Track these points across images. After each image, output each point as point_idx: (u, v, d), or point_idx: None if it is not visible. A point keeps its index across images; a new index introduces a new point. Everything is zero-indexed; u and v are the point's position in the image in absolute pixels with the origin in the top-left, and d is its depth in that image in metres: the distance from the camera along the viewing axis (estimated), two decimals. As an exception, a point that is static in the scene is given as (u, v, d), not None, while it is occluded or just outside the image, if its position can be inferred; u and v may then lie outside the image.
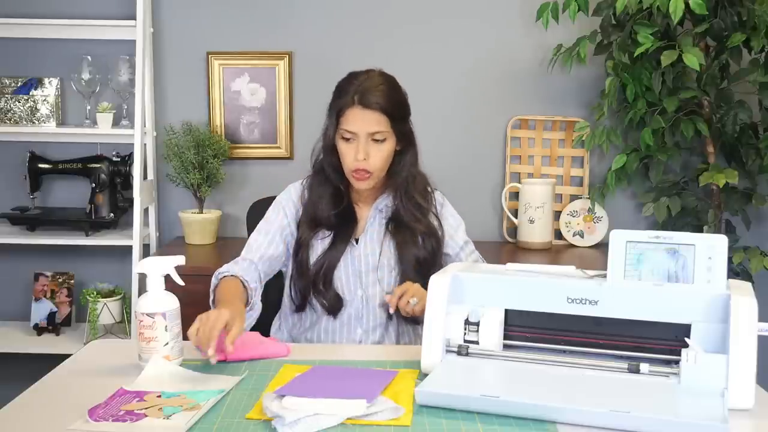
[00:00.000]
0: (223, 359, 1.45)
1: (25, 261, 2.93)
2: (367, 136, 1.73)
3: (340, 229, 1.81)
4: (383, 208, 1.85)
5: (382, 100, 1.72)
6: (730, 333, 1.22)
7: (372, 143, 1.74)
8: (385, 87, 1.75)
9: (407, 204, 1.82)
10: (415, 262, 1.79)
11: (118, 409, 1.20)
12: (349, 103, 1.73)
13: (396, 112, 1.76)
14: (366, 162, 1.74)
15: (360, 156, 1.73)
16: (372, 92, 1.72)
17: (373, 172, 1.76)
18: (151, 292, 1.42)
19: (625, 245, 1.35)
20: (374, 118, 1.72)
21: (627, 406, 1.14)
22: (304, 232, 1.82)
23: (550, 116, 2.88)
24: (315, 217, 1.82)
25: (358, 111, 1.72)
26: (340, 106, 1.75)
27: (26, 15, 2.78)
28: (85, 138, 2.84)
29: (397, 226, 1.82)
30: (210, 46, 2.87)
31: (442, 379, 1.29)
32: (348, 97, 1.73)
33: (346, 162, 1.77)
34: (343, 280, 1.80)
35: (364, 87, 1.73)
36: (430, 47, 2.86)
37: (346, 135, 1.74)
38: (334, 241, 1.80)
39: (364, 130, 1.72)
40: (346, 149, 1.76)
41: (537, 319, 1.39)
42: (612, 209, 2.86)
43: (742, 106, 2.52)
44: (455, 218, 1.92)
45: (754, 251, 2.52)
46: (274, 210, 1.87)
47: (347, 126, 1.73)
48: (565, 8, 2.50)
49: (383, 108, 1.72)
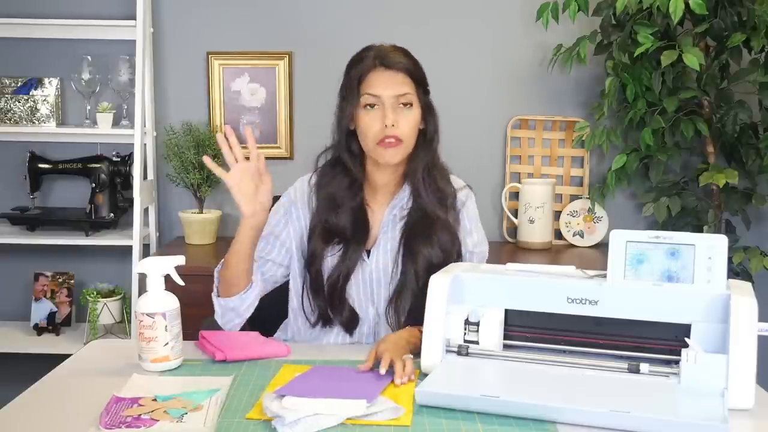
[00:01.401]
0: (223, 359, 1.46)
1: (25, 261, 2.93)
2: (394, 99, 1.58)
3: (350, 242, 1.64)
4: (398, 211, 1.67)
5: (405, 60, 1.61)
6: (730, 333, 1.22)
7: (399, 109, 1.59)
8: (404, 50, 1.64)
9: (427, 189, 1.65)
10: (426, 265, 1.61)
11: (122, 416, 1.19)
12: (371, 66, 1.59)
13: (420, 76, 1.63)
14: (395, 129, 1.57)
15: (389, 121, 1.56)
16: (393, 54, 1.61)
17: (404, 140, 1.59)
18: (151, 292, 1.42)
19: (625, 245, 1.35)
20: (399, 79, 1.59)
21: (627, 406, 1.14)
22: (317, 244, 1.65)
23: (550, 116, 2.88)
24: (327, 225, 1.65)
25: (382, 72, 1.59)
26: (359, 73, 1.60)
27: (26, 15, 2.78)
28: (85, 138, 2.84)
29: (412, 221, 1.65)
30: (210, 46, 2.87)
31: (442, 379, 1.29)
32: (368, 61, 1.60)
33: (371, 133, 1.58)
34: (354, 298, 1.66)
35: (384, 50, 1.61)
36: (430, 47, 2.84)
37: (370, 101, 1.59)
38: (344, 255, 1.64)
39: (390, 92, 1.58)
40: (370, 119, 1.59)
41: (537, 319, 1.39)
42: (612, 209, 2.86)
43: (742, 106, 2.52)
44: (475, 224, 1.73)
45: (754, 251, 2.52)
46: (274, 215, 1.72)
47: (370, 89, 1.58)
48: (565, 8, 2.50)
49: (407, 68, 1.60)
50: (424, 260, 1.61)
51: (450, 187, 1.70)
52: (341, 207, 1.65)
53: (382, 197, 1.69)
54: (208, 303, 1.70)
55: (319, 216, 1.67)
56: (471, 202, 1.74)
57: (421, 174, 1.65)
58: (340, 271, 1.63)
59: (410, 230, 1.65)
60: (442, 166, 1.71)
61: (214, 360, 1.46)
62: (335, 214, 1.65)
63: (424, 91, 1.65)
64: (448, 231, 1.65)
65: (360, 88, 1.60)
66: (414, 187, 1.66)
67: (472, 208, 1.74)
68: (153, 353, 1.39)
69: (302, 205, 1.71)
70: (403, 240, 1.65)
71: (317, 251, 1.65)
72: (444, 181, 1.69)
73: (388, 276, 1.65)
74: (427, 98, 1.67)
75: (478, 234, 1.73)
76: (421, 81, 1.64)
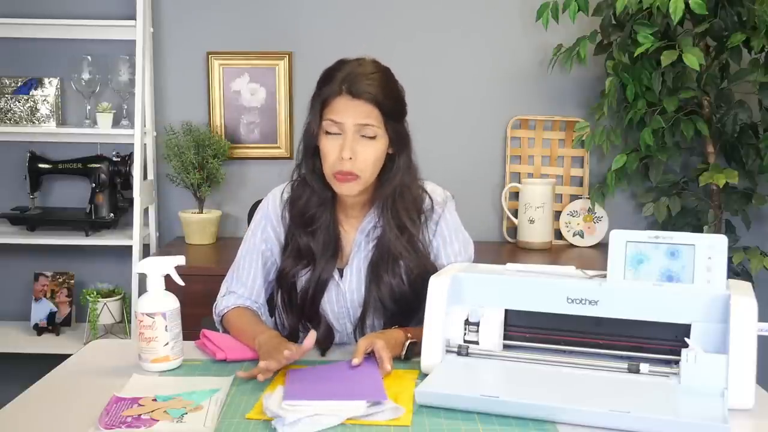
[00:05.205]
0: (223, 359, 1.46)
1: (25, 261, 2.93)
2: (355, 129, 1.49)
3: (319, 262, 1.58)
4: (370, 231, 1.61)
5: (375, 90, 1.48)
6: (730, 333, 1.22)
7: (360, 140, 1.49)
8: (379, 76, 1.51)
9: (390, 222, 1.56)
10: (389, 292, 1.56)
11: (122, 416, 1.19)
12: (336, 91, 1.49)
13: (390, 107, 1.51)
14: (352, 162, 1.49)
15: (345, 153, 1.47)
16: (363, 80, 1.48)
17: (360, 175, 1.51)
18: (151, 292, 1.42)
19: (625, 245, 1.35)
20: (364, 110, 1.48)
21: (627, 406, 1.14)
22: (287, 263, 1.60)
23: (550, 116, 2.88)
24: (298, 246, 1.59)
25: (346, 101, 1.48)
26: (325, 96, 1.50)
27: (26, 15, 2.78)
28: (85, 138, 2.84)
29: (378, 250, 1.58)
30: (210, 46, 2.87)
31: (442, 379, 1.29)
32: (335, 84, 1.49)
33: (328, 162, 1.51)
34: (330, 317, 1.61)
35: (355, 74, 1.49)
36: (430, 47, 2.86)
37: (331, 128, 1.50)
38: (313, 274, 1.58)
39: (352, 121, 1.48)
40: (329, 146, 1.50)
41: (537, 319, 1.39)
42: (612, 209, 2.86)
43: (742, 106, 2.52)
44: (455, 233, 1.65)
45: (754, 251, 2.52)
46: (253, 233, 1.67)
47: (333, 115, 1.49)
48: (565, 8, 2.50)
49: (375, 99, 1.48)
50: (388, 288, 1.57)
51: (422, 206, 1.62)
52: (312, 224, 1.59)
53: (353, 218, 1.64)
54: (208, 303, 1.71)
55: (292, 234, 1.61)
56: (449, 213, 1.66)
57: (388, 204, 1.57)
58: (311, 291, 1.58)
59: (376, 260, 1.59)
60: (413, 186, 1.61)
61: (214, 359, 1.47)
62: (306, 233, 1.59)
63: (395, 119, 1.54)
64: (415, 263, 1.58)
65: (323, 112, 1.51)
66: (379, 215, 1.59)
67: (452, 219, 1.66)
68: (153, 353, 1.39)
69: (276, 221, 1.65)
70: (369, 267, 1.60)
71: (286, 269, 1.60)
72: (413, 207, 1.60)
73: (361, 295, 1.60)
74: (399, 125, 1.55)
75: (459, 242, 1.66)
76: (390, 111, 1.52)
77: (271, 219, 1.66)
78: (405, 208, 1.58)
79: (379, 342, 1.39)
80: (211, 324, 1.68)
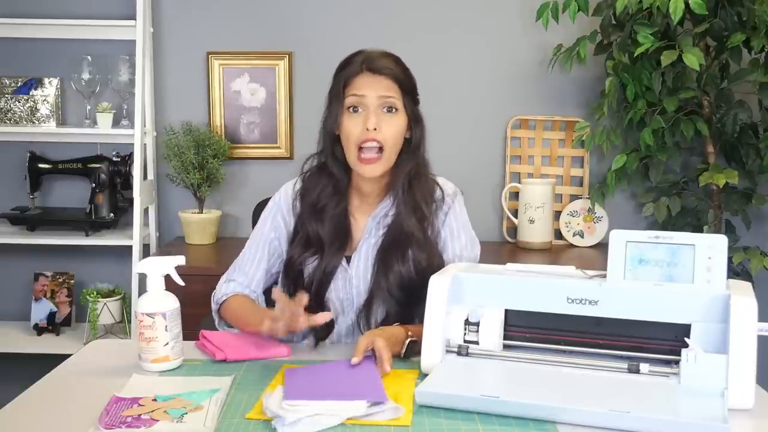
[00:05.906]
0: (223, 359, 1.46)
1: (25, 261, 2.93)
2: (378, 103, 1.55)
3: (328, 250, 1.61)
4: (381, 218, 1.64)
5: (393, 66, 1.57)
6: (730, 333, 1.22)
7: (383, 115, 1.56)
8: (396, 58, 1.61)
9: (406, 203, 1.61)
10: (398, 280, 1.58)
11: (122, 416, 1.19)
12: (357, 71, 1.56)
13: (408, 85, 1.59)
14: (376, 132, 1.54)
15: (370, 124, 1.53)
16: (382, 59, 1.57)
17: (383, 145, 1.55)
18: (151, 292, 1.42)
19: (625, 245, 1.35)
20: (385, 84, 1.56)
21: (627, 406, 1.14)
22: (295, 251, 1.64)
23: (550, 116, 2.88)
24: (307, 232, 1.63)
25: (367, 77, 1.56)
26: (346, 76, 1.57)
27: (26, 15, 2.78)
28: (85, 138, 2.84)
29: (389, 235, 1.62)
30: (210, 46, 2.87)
31: (442, 379, 1.29)
32: (355, 66, 1.57)
33: (353, 137, 1.55)
34: (335, 302, 1.64)
35: (373, 55, 1.58)
36: (430, 47, 2.86)
37: (353, 102, 1.56)
38: (320, 263, 1.61)
39: (375, 93, 1.55)
40: (352, 123, 1.56)
41: (537, 319, 1.39)
42: (612, 209, 2.86)
43: (742, 106, 2.52)
44: (463, 227, 1.68)
45: (754, 251, 2.52)
46: (263, 222, 1.71)
47: (355, 90, 1.56)
48: (565, 8, 2.50)
49: (395, 74, 1.56)
50: (396, 276, 1.59)
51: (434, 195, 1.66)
52: (324, 214, 1.62)
53: (366, 205, 1.67)
54: (208, 303, 1.71)
55: (302, 223, 1.65)
56: (459, 206, 1.69)
57: (404, 185, 1.62)
58: (318, 279, 1.61)
59: (386, 244, 1.62)
60: (427, 175, 1.66)
61: (214, 360, 1.46)
62: (316, 221, 1.62)
63: (412, 100, 1.61)
64: (425, 250, 1.60)
65: (345, 90, 1.57)
66: (394, 200, 1.63)
67: (461, 212, 1.69)
68: (153, 353, 1.39)
69: (287, 211, 1.69)
70: (379, 252, 1.62)
71: (294, 257, 1.63)
72: (428, 191, 1.65)
73: (367, 283, 1.62)
74: (415, 108, 1.62)
75: (466, 237, 1.68)
76: (408, 89, 1.60)
77: (282, 208, 1.69)
78: (421, 191, 1.63)
79: (380, 341, 1.39)
80: (211, 324, 1.68)
